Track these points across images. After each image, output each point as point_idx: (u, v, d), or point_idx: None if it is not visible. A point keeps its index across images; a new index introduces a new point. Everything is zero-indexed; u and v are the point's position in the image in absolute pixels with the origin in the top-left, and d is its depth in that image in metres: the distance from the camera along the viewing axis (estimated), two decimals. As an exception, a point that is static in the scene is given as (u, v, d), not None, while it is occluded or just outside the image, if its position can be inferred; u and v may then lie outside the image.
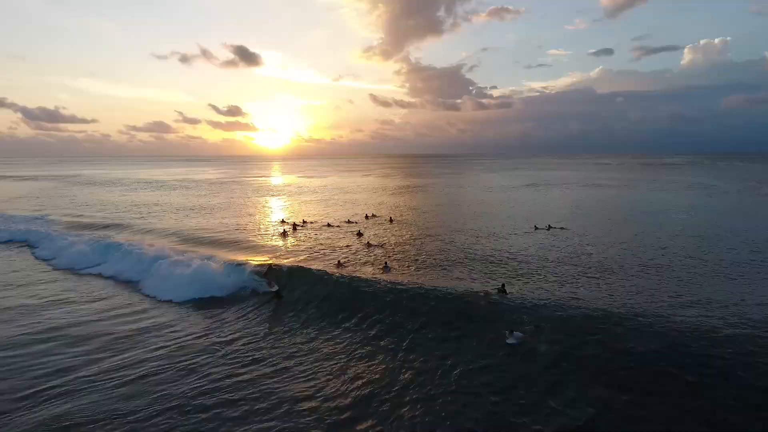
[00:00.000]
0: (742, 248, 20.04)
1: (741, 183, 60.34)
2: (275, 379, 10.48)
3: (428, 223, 28.99)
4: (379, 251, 20.65)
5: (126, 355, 11.94)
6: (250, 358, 11.68)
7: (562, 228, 25.60)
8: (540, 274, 16.45)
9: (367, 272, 17.03)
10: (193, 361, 11.54)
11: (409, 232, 25.74)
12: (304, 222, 29.12)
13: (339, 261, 18.51)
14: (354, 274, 16.58)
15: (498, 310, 13.03)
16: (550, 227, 25.54)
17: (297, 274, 17.14)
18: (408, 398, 9.49)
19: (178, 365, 11.28)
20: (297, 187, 64.69)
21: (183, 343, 12.70)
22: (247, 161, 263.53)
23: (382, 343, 12.24)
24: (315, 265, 18.01)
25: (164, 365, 11.29)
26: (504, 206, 38.20)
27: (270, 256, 20.17)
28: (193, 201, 45.63)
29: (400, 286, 14.95)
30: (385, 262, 18.00)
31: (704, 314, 12.12)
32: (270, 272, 17.33)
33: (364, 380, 10.28)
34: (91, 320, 14.62)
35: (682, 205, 36.19)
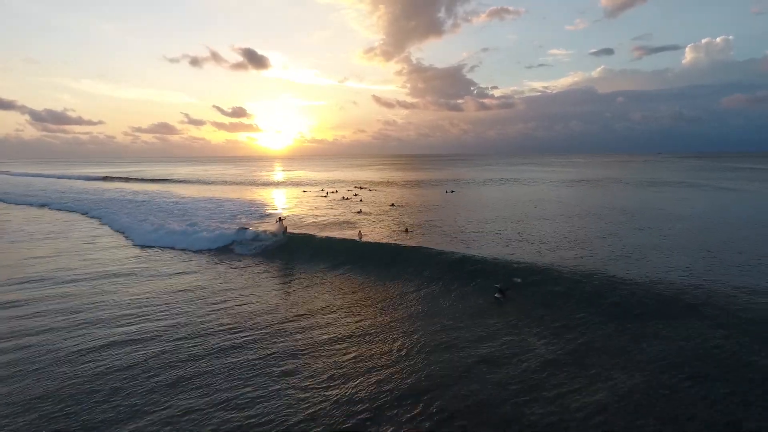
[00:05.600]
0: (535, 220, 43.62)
1: (650, 178, 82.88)
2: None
3: (395, 192, 52.94)
4: (359, 201, 44.14)
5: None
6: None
7: (457, 192, 49.71)
8: (425, 202, 40.11)
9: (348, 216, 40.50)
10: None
11: (379, 196, 49.53)
12: (333, 191, 54.04)
13: (343, 197, 44.44)
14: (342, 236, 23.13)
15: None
16: (452, 191, 50.00)
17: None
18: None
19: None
20: (314, 178, 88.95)
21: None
22: (255, 161, 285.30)
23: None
24: (333, 215, 41.51)
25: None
26: (445, 184, 62.34)
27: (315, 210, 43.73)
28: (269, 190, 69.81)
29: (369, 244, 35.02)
30: (359, 231, 41.80)
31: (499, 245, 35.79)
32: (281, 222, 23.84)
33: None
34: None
35: (556, 193, 60.07)
